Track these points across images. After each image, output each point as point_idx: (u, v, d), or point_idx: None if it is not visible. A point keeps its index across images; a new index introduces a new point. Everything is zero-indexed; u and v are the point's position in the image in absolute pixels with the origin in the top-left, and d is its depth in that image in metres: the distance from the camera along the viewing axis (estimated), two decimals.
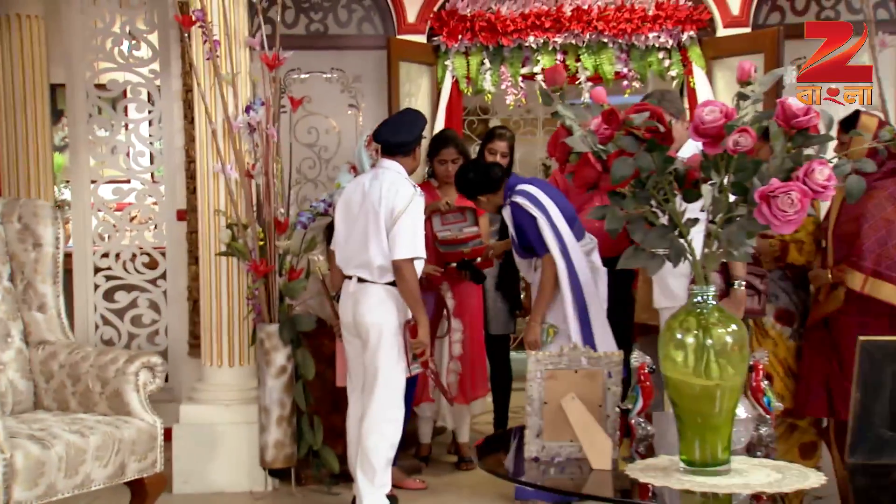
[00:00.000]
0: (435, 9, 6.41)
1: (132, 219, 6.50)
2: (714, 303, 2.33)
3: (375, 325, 4.51)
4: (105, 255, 6.42)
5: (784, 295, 5.06)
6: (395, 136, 4.56)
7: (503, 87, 6.49)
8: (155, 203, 6.51)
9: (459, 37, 6.35)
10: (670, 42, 6.33)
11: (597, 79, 6.47)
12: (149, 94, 6.44)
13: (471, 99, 7.41)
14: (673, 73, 6.38)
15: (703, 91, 6.29)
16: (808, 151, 2.39)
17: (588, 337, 4.64)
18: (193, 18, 4.86)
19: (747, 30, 6.25)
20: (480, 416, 6.18)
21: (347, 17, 6.59)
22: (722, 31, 6.31)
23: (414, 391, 5.22)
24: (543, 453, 2.52)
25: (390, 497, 4.62)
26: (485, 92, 6.52)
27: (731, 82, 6.29)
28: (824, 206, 5.01)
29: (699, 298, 2.32)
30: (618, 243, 5.55)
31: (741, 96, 2.36)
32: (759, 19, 6.37)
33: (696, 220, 2.28)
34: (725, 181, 2.16)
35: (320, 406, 5.32)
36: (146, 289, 6.43)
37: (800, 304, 5.04)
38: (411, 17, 6.44)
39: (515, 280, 5.82)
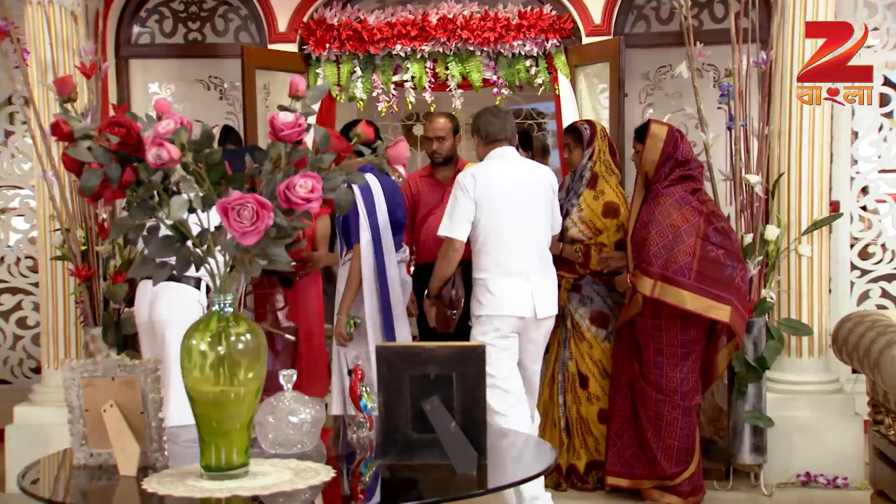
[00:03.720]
0: (305, 18, 6.50)
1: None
2: (231, 310, 2.39)
3: (168, 323, 4.56)
4: None
5: (598, 298, 5.09)
6: None
7: (375, 94, 6.56)
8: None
9: (327, 45, 6.43)
10: (535, 50, 6.35)
11: (466, 85, 6.53)
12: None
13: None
14: (539, 80, 6.41)
15: (566, 98, 6.31)
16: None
17: (390, 335, 4.72)
18: (1, 27, 4.98)
19: (609, 38, 6.24)
20: None
21: (225, 27, 6.72)
22: (586, 40, 6.31)
23: None
24: (91, 460, 2.60)
25: None
26: (357, 99, 6.60)
27: (593, 89, 6.31)
28: None
29: (217, 307, 2.39)
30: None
31: (281, 108, 2.42)
32: (625, 28, 6.35)
33: (206, 231, 2.34)
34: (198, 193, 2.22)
35: None
36: (31, 292, 6.60)
37: (614, 307, 5.06)
38: (282, 26, 6.54)
39: None
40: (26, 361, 6.58)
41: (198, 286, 4.59)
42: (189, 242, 2.33)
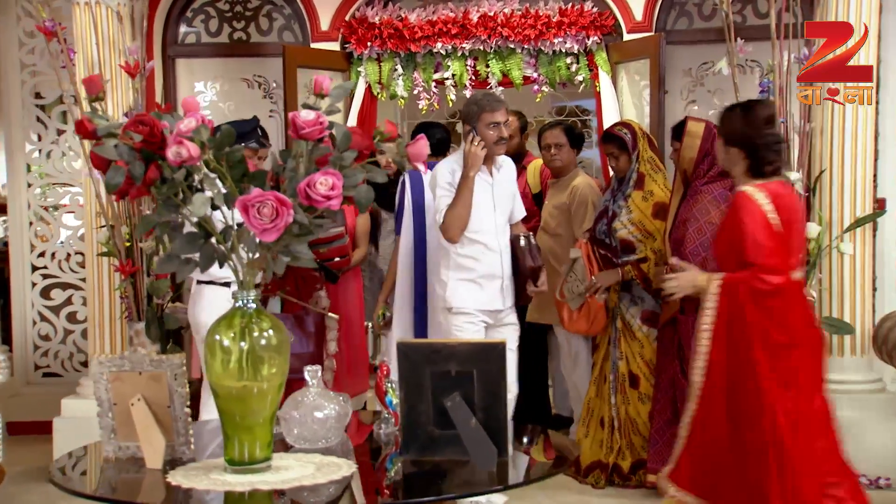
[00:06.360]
0: (346, 17, 6.55)
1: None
2: (254, 306, 2.43)
3: (204, 325, 4.67)
4: (41, 255, 6.75)
5: (649, 297, 5.07)
6: None
7: (416, 91, 6.58)
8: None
9: (369, 44, 6.47)
10: (576, 47, 6.33)
11: (507, 83, 6.53)
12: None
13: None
14: (580, 77, 6.39)
15: (607, 95, 6.29)
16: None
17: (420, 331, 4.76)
18: (48, 28, 5.08)
19: (650, 34, 6.20)
20: None
21: (269, 26, 6.79)
22: (627, 37, 6.28)
23: None
24: (120, 454, 2.66)
25: None
26: (398, 97, 6.64)
27: (634, 85, 6.28)
28: None
29: (240, 303, 2.42)
30: None
31: (305, 107, 2.46)
32: (667, 24, 6.30)
33: (231, 227, 2.38)
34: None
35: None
36: (80, 287, 6.73)
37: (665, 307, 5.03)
38: (324, 25, 6.59)
39: None
40: (76, 355, 6.72)
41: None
42: (213, 239, 2.36)
